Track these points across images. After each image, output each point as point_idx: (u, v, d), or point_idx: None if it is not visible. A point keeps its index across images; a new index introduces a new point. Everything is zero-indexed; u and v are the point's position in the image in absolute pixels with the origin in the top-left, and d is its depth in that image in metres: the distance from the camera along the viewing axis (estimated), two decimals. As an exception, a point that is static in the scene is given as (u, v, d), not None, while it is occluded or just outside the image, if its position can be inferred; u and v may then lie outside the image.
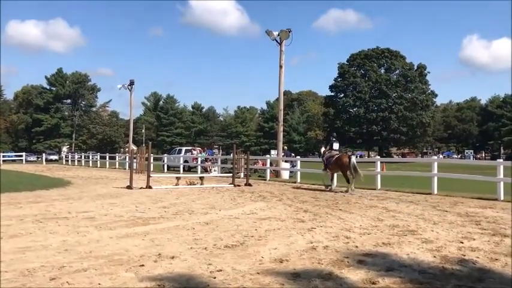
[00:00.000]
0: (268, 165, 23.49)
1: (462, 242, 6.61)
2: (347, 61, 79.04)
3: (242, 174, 21.33)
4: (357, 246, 6.34)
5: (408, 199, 12.78)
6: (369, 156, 79.80)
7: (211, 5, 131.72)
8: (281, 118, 25.87)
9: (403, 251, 6.06)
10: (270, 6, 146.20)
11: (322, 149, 18.05)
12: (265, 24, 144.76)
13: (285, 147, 28.21)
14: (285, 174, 23.24)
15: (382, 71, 77.61)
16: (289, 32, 24.53)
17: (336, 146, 17.10)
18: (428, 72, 77.58)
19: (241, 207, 10.88)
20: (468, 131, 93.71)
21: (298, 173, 20.68)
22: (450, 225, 8.13)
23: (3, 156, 49.07)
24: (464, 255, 5.80)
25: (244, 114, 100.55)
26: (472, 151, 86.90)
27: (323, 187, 16.35)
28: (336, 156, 16.18)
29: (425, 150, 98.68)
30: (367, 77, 76.18)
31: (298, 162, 21.86)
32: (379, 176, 16.59)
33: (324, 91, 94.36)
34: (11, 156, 55.18)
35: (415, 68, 76.97)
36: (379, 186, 16.19)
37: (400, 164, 34.67)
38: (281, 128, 25.85)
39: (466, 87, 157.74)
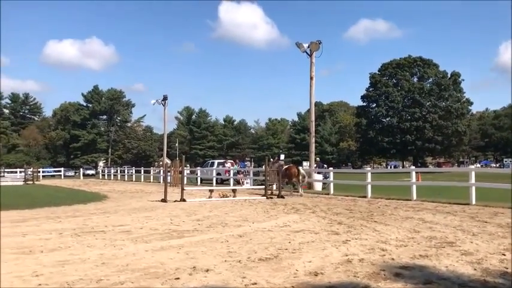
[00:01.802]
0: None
1: (504, 254, 6.38)
2: (378, 71, 78.16)
3: (274, 186, 21.27)
4: (393, 259, 6.21)
5: (445, 210, 12.44)
6: (403, 166, 78.24)
7: (241, 19, 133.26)
8: (313, 129, 25.75)
9: (441, 263, 5.90)
10: (299, 19, 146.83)
11: (271, 160, 22.04)
12: (294, 36, 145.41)
13: (317, 158, 28.01)
14: (318, 186, 23.04)
15: (415, 79, 76.30)
16: (319, 43, 24.51)
17: (282, 157, 21.14)
18: (463, 80, 75.81)
19: (274, 220, 10.84)
20: (506, 139, 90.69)
21: (331, 184, 20.47)
22: (490, 237, 7.86)
23: (43, 172, 50.69)
24: (507, 268, 5.59)
25: (275, 126, 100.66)
26: (511, 159, 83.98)
27: (357, 198, 16.36)
28: (286, 166, 19.83)
29: (461, 160, 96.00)
30: (399, 86, 75.05)
31: (331, 174, 21.65)
32: (414, 186, 16.24)
33: (356, 101, 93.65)
34: (50, 172, 56.96)
35: (449, 76, 75.32)
36: (414, 197, 15.84)
37: (435, 174, 33.84)
38: (313, 139, 25.72)
39: (503, 94, 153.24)
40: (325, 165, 30.32)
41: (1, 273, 5.57)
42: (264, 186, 19.07)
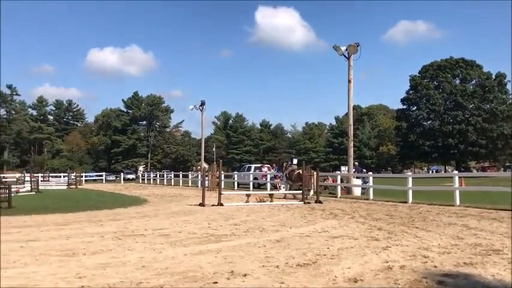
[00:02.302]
0: (338, 181, 23.07)
1: (556, 264, 6.06)
2: (419, 73, 76.39)
3: (312, 191, 21.10)
4: (435, 266, 6.01)
5: (491, 216, 11.97)
6: (445, 170, 76.07)
7: (277, 23, 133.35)
8: (351, 133, 25.42)
9: (487, 271, 5.66)
10: (336, 22, 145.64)
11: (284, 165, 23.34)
12: (331, 39, 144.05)
13: (356, 163, 27.60)
14: (357, 191, 22.70)
15: (457, 81, 74.09)
16: (357, 46, 24.21)
17: (295, 161, 22.33)
18: (509, 81, 73.03)
19: (312, 225, 10.73)
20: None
21: (371, 189, 20.11)
22: (541, 245, 7.50)
23: (85, 176, 52.24)
24: (559, 278, 5.31)
25: (312, 130, 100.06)
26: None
27: (398, 204, 16.02)
28: (297, 171, 20.02)
29: (508, 164, 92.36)
30: (441, 89, 73.09)
31: (371, 179, 21.28)
32: (457, 191, 15.73)
33: (395, 104, 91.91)
34: (92, 176, 58.65)
35: (494, 77, 72.75)
36: (457, 203, 15.33)
37: (480, 179, 32.68)
38: (351, 144, 25.38)
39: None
40: (364, 170, 29.86)
41: (40, 274, 5.75)
42: (301, 191, 18.95)
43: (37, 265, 6.35)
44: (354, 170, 24.76)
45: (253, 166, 36.77)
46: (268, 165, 35.77)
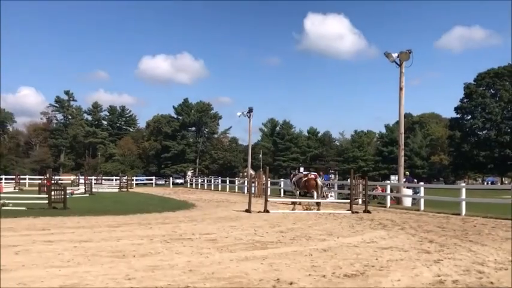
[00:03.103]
0: (388, 191, 22.51)
1: None
2: (474, 80, 73.51)
3: (360, 201, 20.71)
4: (492, 283, 5.72)
5: (553, 232, 11.28)
6: (502, 182, 72.58)
7: (327, 31, 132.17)
8: (402, 142, 24.76)
9: (550, 291, 5.32)
10: (387, 28, 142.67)
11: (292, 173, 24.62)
12: (382, 46, 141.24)
13: (407, 172, 26.83)
14: (407, 202, 22.05)
15: (516, 90, 70.71)
16: (410, 52, 23.60)
17: (301, 169, 23.47)
18: None
19: (360, 235, 10.51)
20: None
21: (422, 200, 19.47)
22: None
23: (136, 180, 53.75)
24: None
25: (361, 138, 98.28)
26: None
27: (450, 215, 15.43)
28: (305, 178, 20.59)
29: None
30: (497, 97, 70.01)
31: (422, 189, 20.60)
32: (516, 205, 14.93)
33: (449, 113, 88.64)
34: (143, 180, 60.25)
35: (557, 85, 68.87)
36: (516, 217, 14.54)
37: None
38: (402, 153, 24.70)
39: None
40: (415, 180, 29.00)
41: (86, 275, 5.93)
42: (349, 200, 18.63)
43: (89, 265, 6.56)
44: (404, 179, 24.08)
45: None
46: (315, 173, 35.47)
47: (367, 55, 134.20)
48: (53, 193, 17.09)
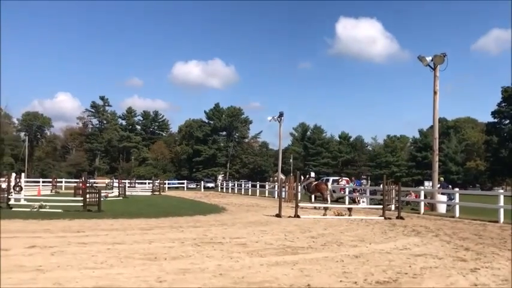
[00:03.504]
0: (422, 197, 22.03)
1: None
2: (512, 84, 71.25)
3: (393, 207, 20.33)
4: (533, 294, 5.50)
5: None
6: (542, 189, 69.93)
7: (359, 35, 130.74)
8: (436, 147, 24.22)
9: None
10: (421, 32, 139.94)
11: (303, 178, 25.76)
12: (416, 50, 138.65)
13: (441, 178, 26.19)
14: (442, 208, 21.50)
15: (558, 93, 68.14)
16: (444, 56, 23.12)
17: (312, 174, 25.96)
18: None
19: (392, 242, 10.31)
20: None
21: (457, 206, 18.96)
22: None
23: (168, 184, 54.44)
24: None
25: (394, 143, 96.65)
26: None
27: (487, 223, 15.07)
28: (315, 183, 22.26)
29: None
30: (537, 101, 67.61)
31: (457, 195, 20.07)
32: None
33: (485, 117, 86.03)
34: (175, 184, 61.00)
35: None
36: (558, 225, 13.97)
37: None
38: (436, 158, 24.15)
39: None
40: (450, 186, 28.25)
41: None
42: (381, 206, 18.32)
43: (122, 267, 6.67)
44: (438, 185, 23.52)
45: (331, 179, 36.23)
46: (347, 179, 35.07)
47: (400, 59, 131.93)
48: (88, 196, 17.48)
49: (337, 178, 37.01)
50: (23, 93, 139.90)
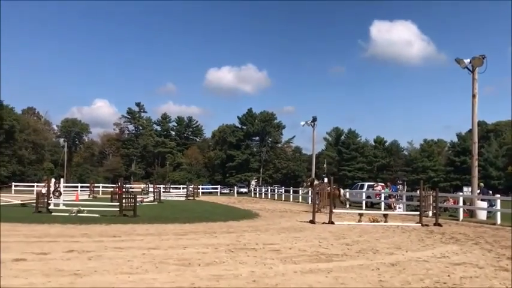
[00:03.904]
0: (461, 203, 21.38)
1: None
2: (556, 85, 68.50)
3: (430, 213, 19.82)
4: None
5: None
6: None
7: (394, 37, 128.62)
8: (475, 151, 23.49)
9: None
10: (458, 34, 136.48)
11: (315, 182, 25.80)
12: (453, 52, 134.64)
13: (481, 183, 25.36)
14: (482, 215, 20.80)
15: None
16: (483, 58, 22.46)
17: (325, 180, 25.60)
18: None
19: (430, 250, 10.03)
20: None
21: (498, 213, 18.30)
22: None
23: (202, 188, 54.93)
24: None
25: (431, 147, 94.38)
26: None
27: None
28: (327, 188, 22.20)
29: None
30: None
31: (498, 201, 19.37)
32: None
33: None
34: (208, 189, 61.51)
35: None
36: None
37: None
38: (475, 163, 23.42)
39: None
40: (490, 192, 27.33)
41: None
42: (418, 212, 17.88)
43: (157, 272, 6.74)
44: (478, 191, 22.79)
45: (366, 184, 35.73)
46: (383, 184, 34.47)
47: (437, 62, 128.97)
48: (124, 201, 17.82)
49: (372, 183, 36.44)
50: (62, 101, 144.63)
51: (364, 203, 29.65)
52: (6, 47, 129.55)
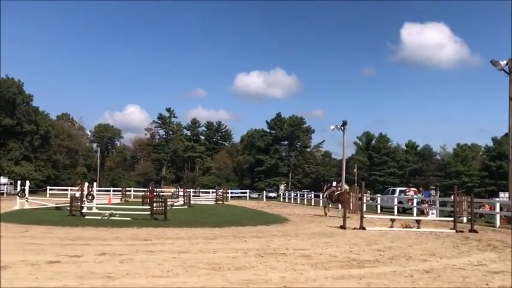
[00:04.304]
0: (497, 209, 20.70)
1: None
2: None
3: (465, 219, 19.27)
4: None
5: None
6: None
7: (426, 40, 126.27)
8: (512, 156, 22.73)
9: None
10: (493, 35, 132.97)
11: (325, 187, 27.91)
12: (488, 54, 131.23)
13: (518, 189, 24.49)
14: (520, 221, 20.09)
15: None
16: (520, 59, 21.75)
17: (334, 183, 26.82)
18: None
19: (466, 257, 9.72)
20: None
21: (537, 220, 17.62)
22: None
23: (231, 193, 55.10)
24: None
25: (465, 152, 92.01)
26: None
27: None
28: (337, 192, 23.62)
29: None
30: None
31: (537, 208, 18.66)
32: None
33: None
34: (237, 193, 61.68)
35: None
36: None
37: None
38: (512, 168, 22.65)
39: None
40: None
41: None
42: (452, 218, 17.40)
43: (187, 276, 6.75)
44: (515, 197, 22.02)
45: (397, 189, 35.09)
46: (415, 189, 33.79)
47: (470, 64, 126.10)
48: (155, 205, 18.02)
49: (404, 188, 35.77)
50: (95, 107, 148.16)
51: (395, 208, 29.11)
52: (42, 56, 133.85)
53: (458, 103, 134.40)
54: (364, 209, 18.91)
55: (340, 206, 26.21)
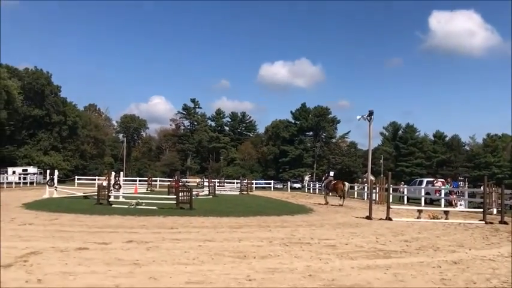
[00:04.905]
0: (528, 201, 20.16)
1: None
2: None
3: (495, 211, 18.83)
4: None
5: None
6: None
7: (455, 28, 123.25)
8: (544, 146, 22.06)
9: None
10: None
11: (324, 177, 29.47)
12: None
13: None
14: (552, 213, 19.53)
15: None
16: (554, 45, 21.01)
17: (331, 173, 28.60)
18: None
19: (496, 248, 9.50)
20: None
21: None
22: None
23: (255, 183, 55.23)
24: None
25: (495, 142, 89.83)
26: None
27: None
28: (334, 182, 25.57)
29: None
30: None
31: None
32: None
33: None
34: (262, 184, 61.80)
35: None
36: None
37: None
38: (545, 158, 21.99)
39: None
40: (562, 189, 25.60)
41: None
42: (481, 210, 17.03)
43: (213, 264, 6.80)
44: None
45: (425, 180, 34.53)
46: (443, 180, 33.17)
47: (502, 52, 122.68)
48: (180, 194, 18.20)
49: (431, 179, 35.16)
50: (121, 98, 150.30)
51: (423, 199, 28.67)
52: (70, 50, 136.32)
53: (489, 92, 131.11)
54: (391, 200, 18.65)
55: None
